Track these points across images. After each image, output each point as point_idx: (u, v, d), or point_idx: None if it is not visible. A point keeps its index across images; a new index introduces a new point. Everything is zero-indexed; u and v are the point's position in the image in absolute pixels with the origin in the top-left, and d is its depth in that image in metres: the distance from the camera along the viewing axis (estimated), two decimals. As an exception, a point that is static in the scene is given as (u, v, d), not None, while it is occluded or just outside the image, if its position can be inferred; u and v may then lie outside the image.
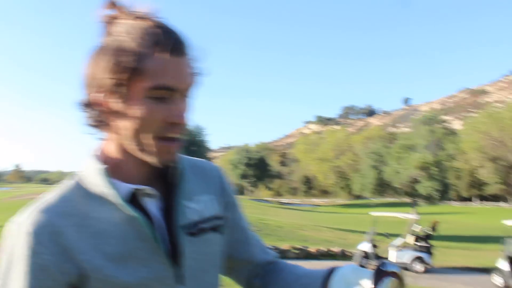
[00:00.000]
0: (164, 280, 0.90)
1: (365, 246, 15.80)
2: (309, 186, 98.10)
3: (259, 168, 76.65)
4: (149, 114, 0.85)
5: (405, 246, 15.95)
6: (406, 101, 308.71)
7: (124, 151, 0.91)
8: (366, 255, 15.69)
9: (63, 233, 0.83)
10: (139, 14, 0.86)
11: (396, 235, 17.41)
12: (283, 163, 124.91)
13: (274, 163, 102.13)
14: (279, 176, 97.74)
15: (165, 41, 0.84)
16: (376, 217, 16.92)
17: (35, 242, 0.81)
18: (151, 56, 0.83)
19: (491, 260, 14.63)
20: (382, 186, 32.39)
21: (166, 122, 0.86)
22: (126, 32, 0.85)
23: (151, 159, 0.89)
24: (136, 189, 0.90)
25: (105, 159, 0.92)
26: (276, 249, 16.02)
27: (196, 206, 0.98)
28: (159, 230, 0.91)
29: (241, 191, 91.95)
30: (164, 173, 0.96)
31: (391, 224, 25.68)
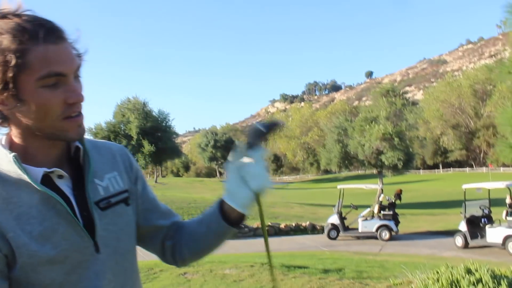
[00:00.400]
0: (82, 250, 0.98)
1: (334, 219, 16.17)
2: (279, 164, 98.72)
3: (227, 149, 76.53)
4: (48, 101, 0.92)
5: (371, 216, 16.38)
6: (369, 74, 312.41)
7: (30, 139, 0.98)
8: (335, 227, 16.08)
9: None
10: (5, 13, 0.92)
11: (365, 206, 17.85)
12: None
13: (242, 144, 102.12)
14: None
15: (40, 32, 0.90)
16: (343, 190, 17.29)
17: None
18: (30, 50, 0.89)
19: (454, 224, 15.20)
20: (348, 160, 33.00)
21: (67, 103, 0.94)
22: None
23: (66, 138, 0.99)
24: (48, 172, 0.98)
25: (13, 149, 0.98)
26: (246, 227, 16.24)
27: (102, 183, 1.07)
28: (75, 207, 1.00)
29: (211, 173, 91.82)
30: (71, 155, 1.05)
31: (359, 196, 26.29)
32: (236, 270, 7.38)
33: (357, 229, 16.16)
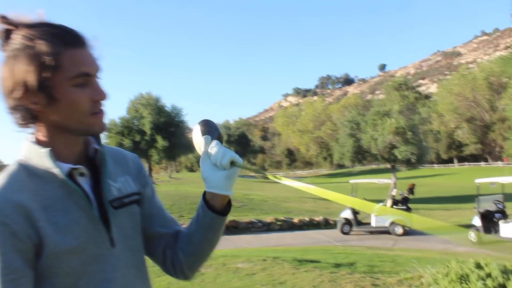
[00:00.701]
0: (100, 244, 1.09)
1: (347, 214, 16.20)
2: (292, 158, 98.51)
3: (240, 144, 76.68)
4: (78, 99, 1.05)
5: (385, 210, 16.36)
6: (382, 67, 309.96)
7: (57, 136, 1.10)
8: (348, 222, 16.11)
9: (24, 205, 1.00)
10: (34, 22, 1.05)
11: (378, 201, 17.86)
12: (264, 138, 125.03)
13: (255, 138, 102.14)
14: (261, 150, 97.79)
15: (69, 38, 1.04)
16: (356, 184, 17.32)
17: (2, 216, 0.98)
18: (62, 53, 1.02)
19: (469, 219, 15.15)
20: (361, 154, 32.85)
21: (93, 100, 1.07)
22: (33, 38, 1.01)
23: (92, 132, 1.11)
24: (73, 168, 1.09)
25: (43, 144, 1.09)
26: (260, 222, 16.34)
27: (116, 184, 1.18)
28: (94, 203, 1.11)
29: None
30: (88, 155, 1.16)
31: (372, 191, 26.21)
32: (249, 264, 7.50)
33: (370, 223, 16.18)
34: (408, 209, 15.95)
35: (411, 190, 16.66)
